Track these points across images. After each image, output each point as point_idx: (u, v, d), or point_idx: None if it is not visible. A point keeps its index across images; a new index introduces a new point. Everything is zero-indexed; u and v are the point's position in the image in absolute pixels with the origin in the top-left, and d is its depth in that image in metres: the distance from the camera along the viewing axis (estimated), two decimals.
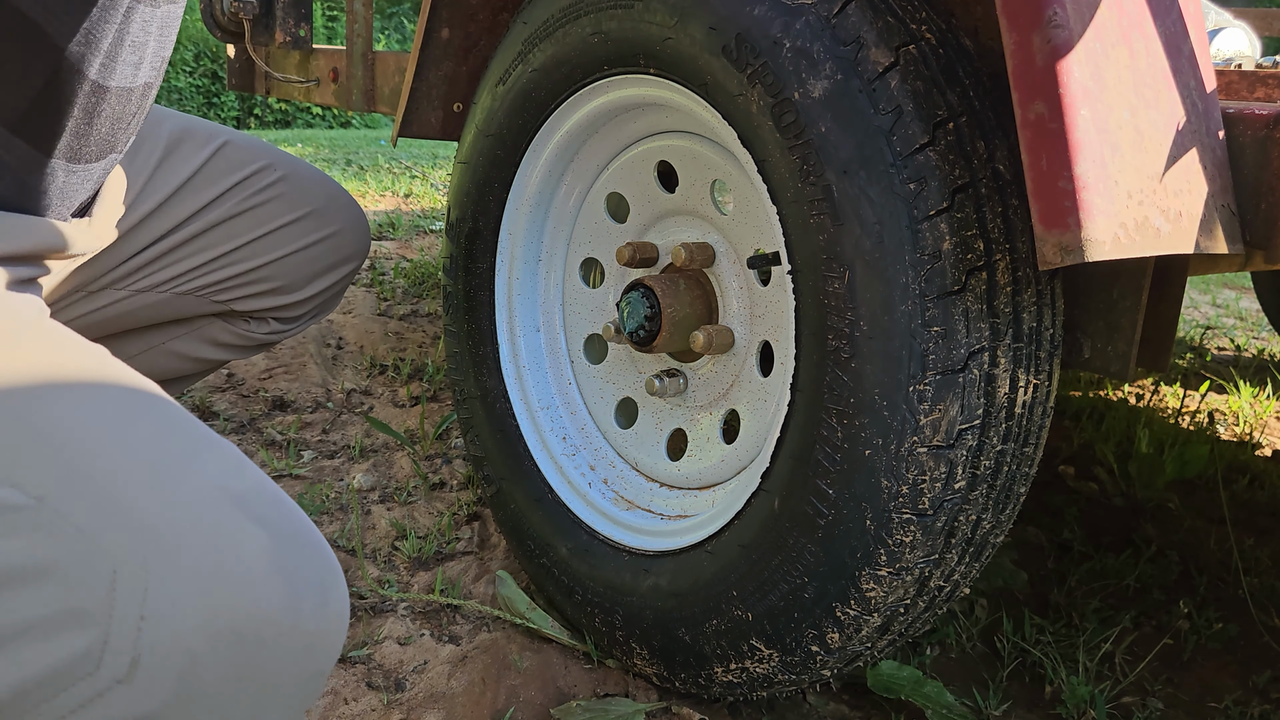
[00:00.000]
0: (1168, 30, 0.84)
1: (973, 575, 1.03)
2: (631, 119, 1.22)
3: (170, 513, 0.54)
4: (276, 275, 1.29)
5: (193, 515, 0.54)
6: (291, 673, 0.55)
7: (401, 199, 4.15)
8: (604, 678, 1.22)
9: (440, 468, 1.73)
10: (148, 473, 0.56)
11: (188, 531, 0.53)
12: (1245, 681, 1.33)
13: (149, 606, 0.51)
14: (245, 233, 1.26)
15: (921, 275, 0.87)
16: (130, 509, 0.53)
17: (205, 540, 0.54)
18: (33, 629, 0.50)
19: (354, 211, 1.37)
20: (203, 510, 0.55)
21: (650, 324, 1.16)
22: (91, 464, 0.54)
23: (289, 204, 1.29)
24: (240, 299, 1.29)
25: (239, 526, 0.55)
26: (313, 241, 1.31)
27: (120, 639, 0.50)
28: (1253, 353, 2.96)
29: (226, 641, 0.52)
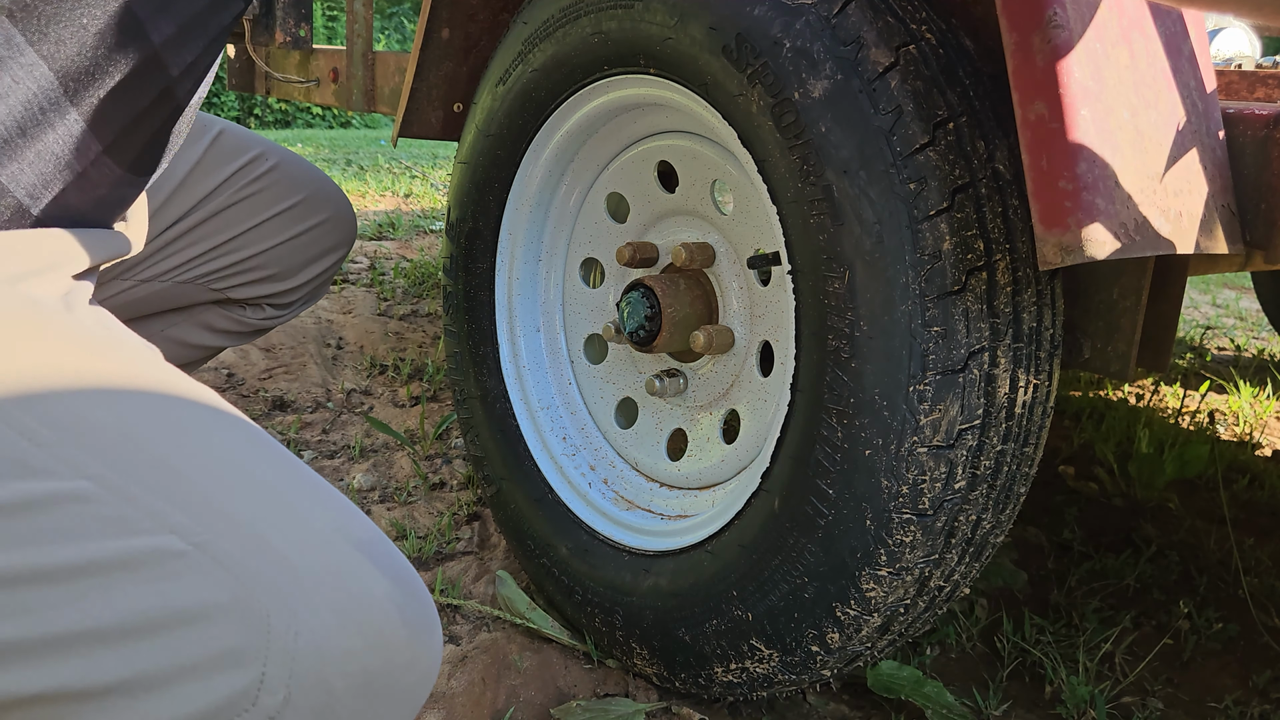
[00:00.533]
0: (1168, 30, 0.84)
1: (973, 575, 1.03)
2: (632, 119, 1.22)
3: (309, 558, 0.57)
4: (271, 262, 1.32)
5: (327, 560, 0.58)
6: (405, 706, 0.59)
7: (401, 199, 4.15)
8: (604, 678, 1.22)
9: (440, 468, 1.73)
10: (284, 518, 0.59)
11: (325, 576, 0.57)
12: (1245, 681, 1.33)
13: (298, 646, 0.54)
14: (242, 221, 1.28)
15: (921, 275, 0.87)
16: (275, 554, 0.56)
17: (340, 585, 0.57)
18: (197, 668, 0.54)
19: (341, 199, 1.39)
20: (334, 555, 0.59)
21: (650, 324, 1.16)
22: (237, 509, 0.58)
23: (281, 192, 1.31)
24: (237, 286, 1.31)
25: (365, 571, 0.59)
26: (305, 229, 1.34)
27: (275, 677, 0.54)
28: (1253, 353, 2.96)
29: (358, 680, 0.56)
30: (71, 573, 0.54)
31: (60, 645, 0.53)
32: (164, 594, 0.54)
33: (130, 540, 0.55)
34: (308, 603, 0.55)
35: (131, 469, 0.57)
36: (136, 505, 0.56)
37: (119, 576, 0.54)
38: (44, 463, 0.56)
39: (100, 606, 0.53)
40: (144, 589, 0.54)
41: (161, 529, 0.55)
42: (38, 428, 0.56)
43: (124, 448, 0.58)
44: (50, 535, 0.54)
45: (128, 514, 0.55)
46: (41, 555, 0.54)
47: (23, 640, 0.53)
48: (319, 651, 0.55)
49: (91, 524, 0.55)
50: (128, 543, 0.55)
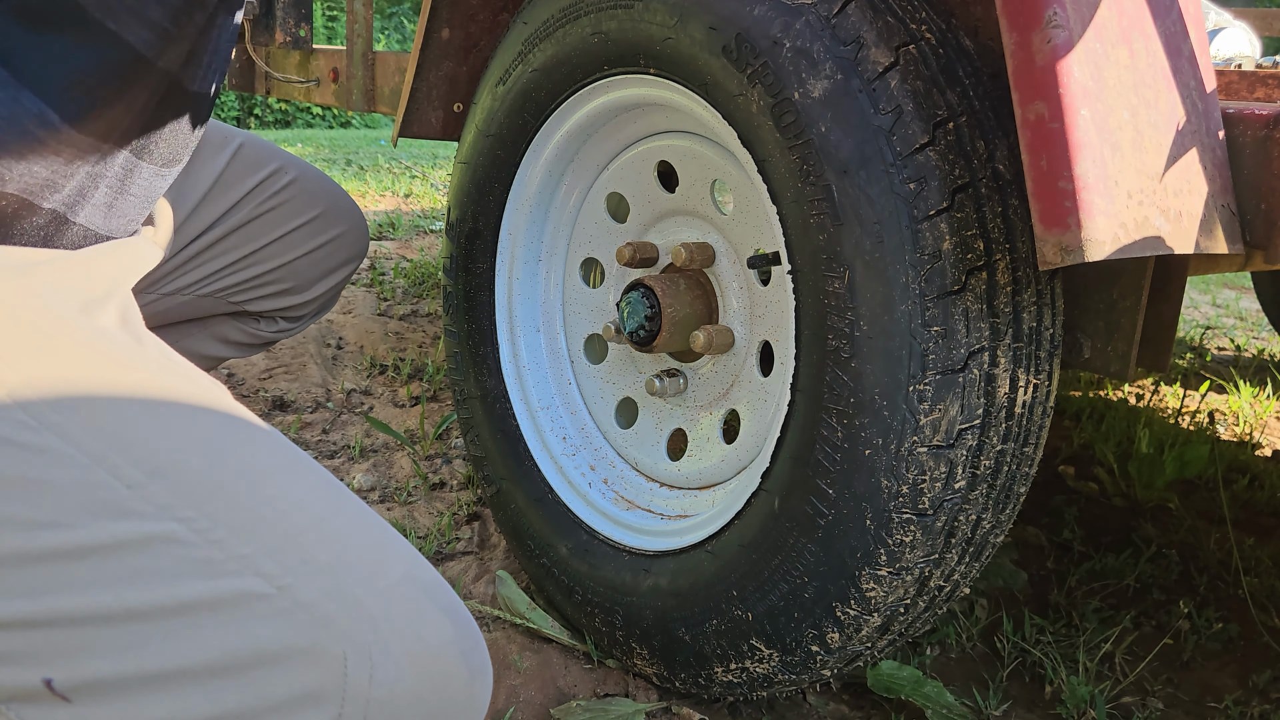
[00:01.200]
0: (1168, 30, 0.84)
1: (973, 575, 1.03)
2: (631, 119, 1.22)
3: (382, 602, 0.59)
4: (288, 276, 1.32)
5: (399, 606, 0.60)
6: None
7: (401, 199, 4.15)
8: (604, 678, 1.22)
9: (440, 468, 1.73)
10: (358, 563, 0.61)
11: (398, 621, 0.59)
12: (1245, 681, 1.33)
13: (373, 690, 0.56)
14: (263, 235, 1.29)
15: (921, 275, 0.87)
16: (351, 599, 0.58)
17: (411, 630, 0.59)
18: (279, 707, 0.56)
19: (356, 212, 1.40)
20: (405, 600, 0.61)
21: (650, 324, 1.16)
22: (317, 554, 0.60)
23: (301, 206, 1.32)
24: (254, 299, 1.31)
25: (432, 616, 0.61)
26: (322, 243, 1.34)
27: (352, 714, 0.56)
28: (1253, 353, 2.96)
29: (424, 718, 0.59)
30: (161, 613, 0.56)
31: (151, 683, 0.55)
32: (249, 635, 0.56)
33: (217, 582, 0.57)
34: (382, 647, 0.57)
35: (219, 513, 0.59)
36: (223, 548, 0.57)
37: (207, 617, 0.56)
38: (135, 505, 0.57)
39: (189, 646, 0.55)
40: (230, 630, 0.56)
41: (247, 571, 0.57)
42: (128, 469, 0.58)
43: (212, 492, 0.59)
44: (141, 576, 0.56)
45: (215, 556, 0.57)
46: (132, 595, 0.55)
47: (114, 678, 0.55)
48: (392, 694, 0.57)
49: (181, 565, 0.56)
50: (215, 584, 0.56)
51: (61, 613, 0.55)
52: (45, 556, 0.55)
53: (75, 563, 0.55)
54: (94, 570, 0.55)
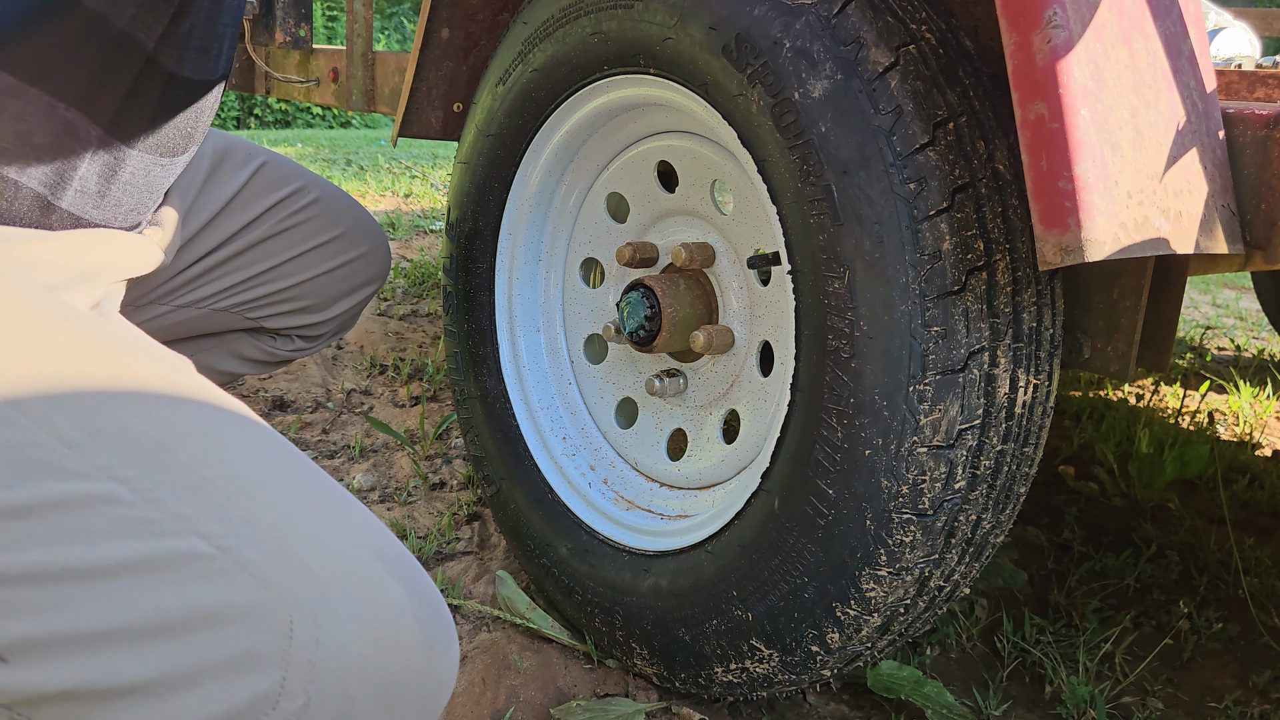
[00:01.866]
0: (1168, 30, 0.84)
1: (973, 575, 1.03)
2: (631, 119, 1.22)
3: (332, 566, 0.58)
4: (307, 294, 1.33)
5: (350, 570, 0.59)
6: (421, 711, 0.61)
7: (401, 199, 4.15)
8: (604, 678, 1.22)
9: (440, 468, 1.73)
10: (309, 528, 0.60)
11: (347, 585, 0.58)
12: (1245, 681, 1.33)
13: (319, 653, 0.55)
14: (281, 252, 1.29)
15: (921, 275, 0.87)
16: (300, 562, 0.58)
17: (361, 594, 0.58)
18: (219, 669, 0.54)
19: (379, 234, 1.41)
20: (357, 567, 0.60)
21: (650, 324, 1.16)
22: (262, 516, 0.59)
23: (322, 225, 1.32)
24: (271, 316, 1.31)
25: (385, 582, 0.60)
26: (342, 263, 1.35)
27: (295, 682, 0.55)
28: (1253, 353, 2.96)
29: (375, 687, 0.57)
30: (98, 572, 0.55)
31: (87, 643, 0.54)
32: (188, 595, 0.55)
33: (156, 542, 0.56)
34: (330, 611, 0.56)
35: (160, 474, 0.58)
36: (163, 509, 0.57)
37: (145, 577, 0.55)
38: (74, 464, 0.57)
39: (126, 606, 0.54)
40: (169, 590, 0.55)
41: (187, 532, 0.56)
42: (69, 430, 0.57)
43: (153, 453, 0.59)
44: (79, 535, 0.55)
45: (154, 517, 0.56)
46: (70, 554, 0.55)
47: (50, 636, 0.54)
48: (339, 659, 0.56)
49: (119, 525, 0.56)
50: (154, 545, 0.56)
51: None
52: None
53: (11, 522, 0.55)
54: (30, 529, 0.55)
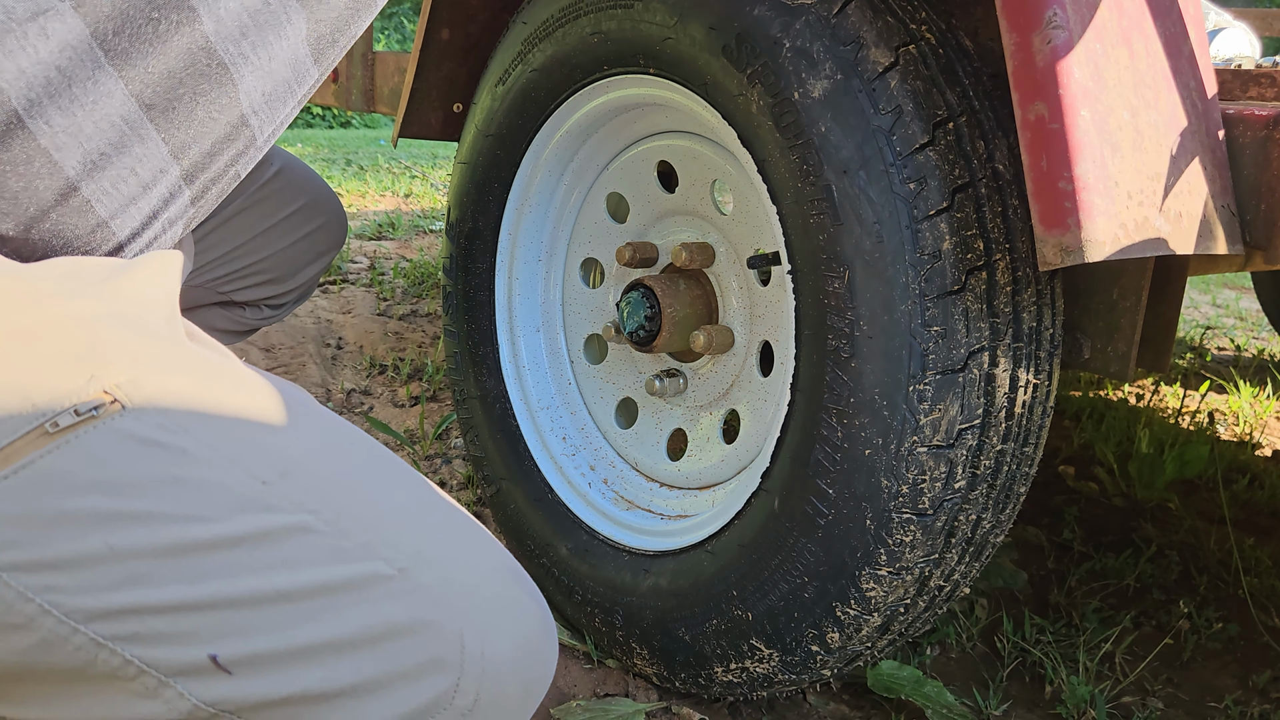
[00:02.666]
0: (1168, 30, 0.84)
1: (973, 575, 1.03)
2: (631, 119, 1.22)
3: (485, 586, 0.68)
4: (274, 266, 1.35)
5: (497, 589, 0.69)
6: (541, 694, 0.71)
7: (401, 199, 4.15)
8: (604, 678, 1.22)
9: (440, 468, 1.73)
10: (461, 554, 0.69)
11: (498, 602, 0.68)
12: (1245, 681, 1.33)
13: (486, 661, 0.65)
14: (252, 227, 1.30)
15: (921, 275, 0.87)
16: (460, 584, 0.67)
17: (509, 609, 0.68)
18: (409, 674, 0.63)
19: (335, 202, 1.43)
20: (501, 585, 0.69)
21: (650, 324, 1.16)
22: (424, 545, 0.67)
23: (288, 197, 1.34)
24: (241, 289, 1.33)
25: (521, 598, 0.70)
26: (306, 233, 1.37)
27: (468, 683, 0.64)
28: (1253, 353, 2.96)
29: (521, 683, 0.67)
30: (305, 594, 0.62)
31: (300, 656, 0.62)
32: (380, 612, 0.63)
33: (350, 566, 0.64)
34: (489, 624, 0.66)
35: (340, 507, 0.65)
36: (350, 538, 0.64)
37: (344, 596, 0.63)
38: (272, 499, 0.63)
39: (331, 623, 0.63)
40: (365, 607, 0.63)
41: (373, 558, 0.64)
42: (260, 469, 0.64)
43: (330, 489, 0.66)
44: (286, 562, 0.63)
45: (344, 545, 0.64)
46: (280, 579, 0.62)
47: (269, 652, 0.62)
48: (498, 663, 0.65)
49: (316, 553, 0.63)
50: (348, 569, 0.64)
51: (220, 596, 0.61)
52: (200, 547, 0.61)
53: (227, 551, 0.61)
54: (244, 558, 0.62)
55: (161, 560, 0.60)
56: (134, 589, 0.60)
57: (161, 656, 0.61)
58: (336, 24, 0.81)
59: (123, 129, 0.70)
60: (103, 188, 0.70)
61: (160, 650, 0.61)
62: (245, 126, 0.78)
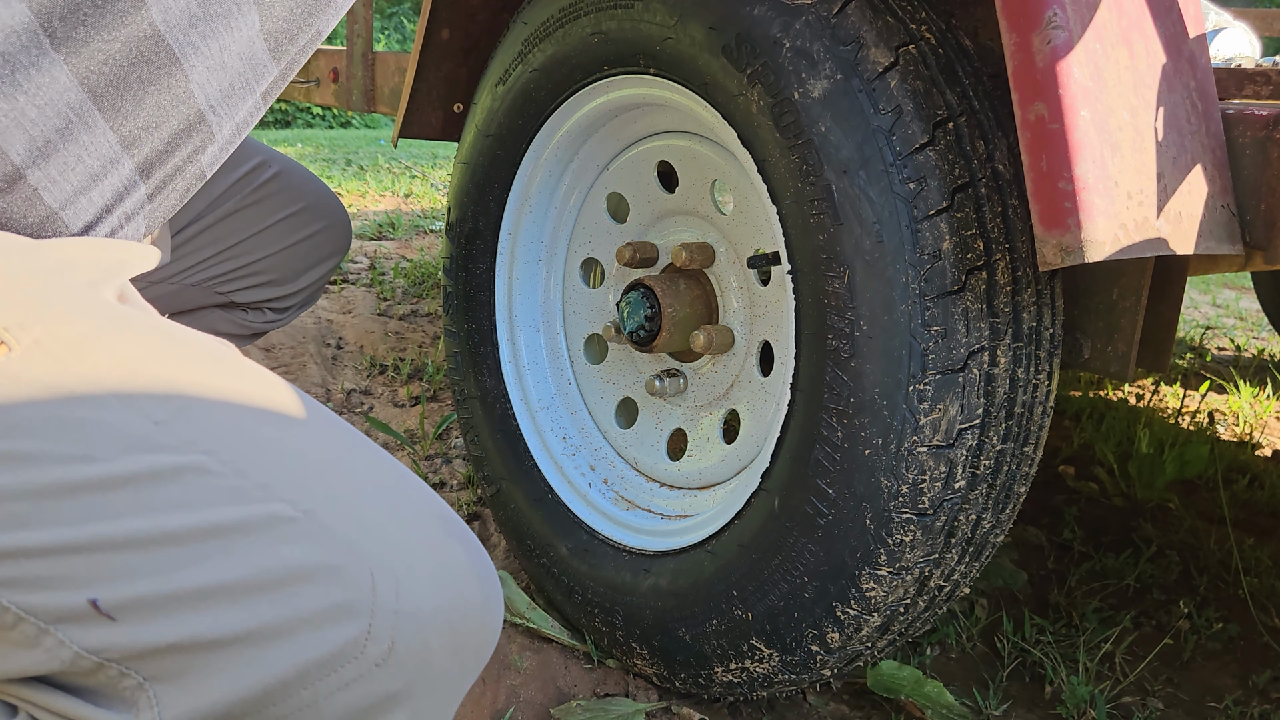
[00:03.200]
0: (1168, 30, 0.84)
1: (973, 575, 1.03)
2: (631, 119, 1.22)
3: (404, 529, 0.65)
4: (274, 268, 1.35)
5: (419, 532, 0.65)
6: (474, 659, 0.67)
7: (401, 199, 4.15)
8: (604, 677, 1.22)
9: (440, 468, 1.73)
10: (379, 495, 0.66)
11: (418, 545, 0.64)
12: (1245, 681, 1.33)
13: (400, 604, 0.61)
14: (248, 227, 1.31)
15: (921, 275, 0.87)
16: (376, 525, 0.63)
17: (430, 553, 0.65)
18: (312, 620, 0.60)
19: (338, 207, 1.44)
20: (424, 528, 0.66)
21: (650, 324, 1.16)
22: (337, 486, 0.65)
23: (285, 200, 1.35)
24: (241, 290, 1.34)
25: (448, 543, 0.66)
26: (306, 235, 1.37)
27: (380, 629, 0.60)
28: (1253, 353, 2.96)
29: (447, 634, 0.63)
30: (195, 536, 0.60)
31: (190, 600, 0.59)
32: (279, 554, 0.60)
33: (246, 508, 0.61)
34: (406, 568, 0.62)
35: (241, 449, 0.63)
36: (249, 478, 0.61)
37: (238, 539, 0.60)
38: (165, 439, 0.61)
39: (223, 566, 0.59)
40: (261, 550, 0.60)
41: (273, 499, 0.61)
42: (155, 410, 0.62)
43: (233, 431, 0.64)
44: (174, 503, 0.60)
45: (242, 485, 0.61)
46: (167, 520, 0.59)
47: (155, 596, 0.59)
48: (417, 610, 0.61)
49: (210, 494, 0.61)
50: (244, 510, 0.60)
51: (102, 538, 0.58)
52: (83, 487, 0.59)
53: (112, 492, 0.59)
54: (130, 499, 0.59)
55: (42, 501, 0.58)
56: (11, 531, 0.58)
57: (40, 602, 0.58)
58: (293, 19, 0.79)
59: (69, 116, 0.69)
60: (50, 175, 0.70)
61: (39, 595, 0.58)
62: (202, 122, 0.77)
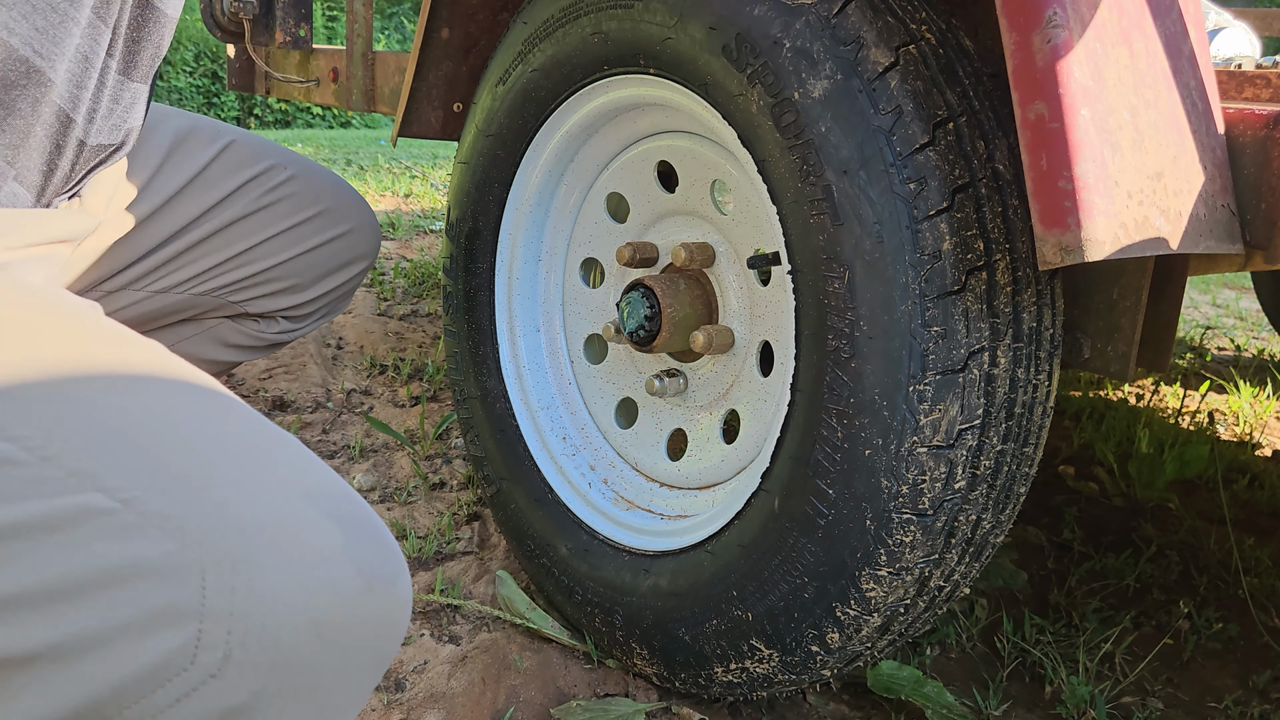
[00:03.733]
0: (1168, 30, 0.84)
1: (973, 575, 1.03)
2: (631, 119, 1.22)
3: (253, 510, 0.55)
4: (288, 275, 1.30)
5: (274, 512, 0.56)
6: (364, 657, 0.58)
7: (401, 199, 4.15)
8: (604, 678, 1.22)
9: (440, 468, 1.73)
10: (228, 470, 0.57)
11: (270, 528, 0.55)
12: (1245, 681, 1.33)
13: (238, 603, 0.52)
14: (258, 232, 1.27)
15: (921, 275, 0.87)
16: (215, 506, 0.55)
17: (286, 536, 0.55)
18: (128, 629, 0.52)
19: (364, 211, 1.38)
20: (282, 507, 0.57)
21: (650, 324, 1.16)
22: (174, 463, 0.56)
23: (300, 203, 1.30)
24: (253, 299, 1.30)
25: (314, 522, 0.57)
26: (324, 241, 1.33)
27: (212, 635, 0.52)
28: (1253, 353, 2.96)
29: (308, 633, 0.54)
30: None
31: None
32: (88, 554, 0.52)
33: (51, 502, 0.53)
34: (249, 557, 0.53)
35: (56, 429, 0.55)
36: (59, 465, 0.54)
37: (41, 539, 0.52)
38: None
39: (23, 570, 0.52)
40: (68, 550, 0.52)
41: (86, 489, 0.54)
42: None
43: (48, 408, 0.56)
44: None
45: (49, 475, 0.54)
46: None
47: None
48: (261, 606, 0.53)
49: (9, 488, 0.53)
50: (48, 504, 0.53)
51: None
52: None
53: None
54: None
55: None
56: None
57: None
58: None
59: None
60: None
61: None
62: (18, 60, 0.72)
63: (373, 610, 0.57)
